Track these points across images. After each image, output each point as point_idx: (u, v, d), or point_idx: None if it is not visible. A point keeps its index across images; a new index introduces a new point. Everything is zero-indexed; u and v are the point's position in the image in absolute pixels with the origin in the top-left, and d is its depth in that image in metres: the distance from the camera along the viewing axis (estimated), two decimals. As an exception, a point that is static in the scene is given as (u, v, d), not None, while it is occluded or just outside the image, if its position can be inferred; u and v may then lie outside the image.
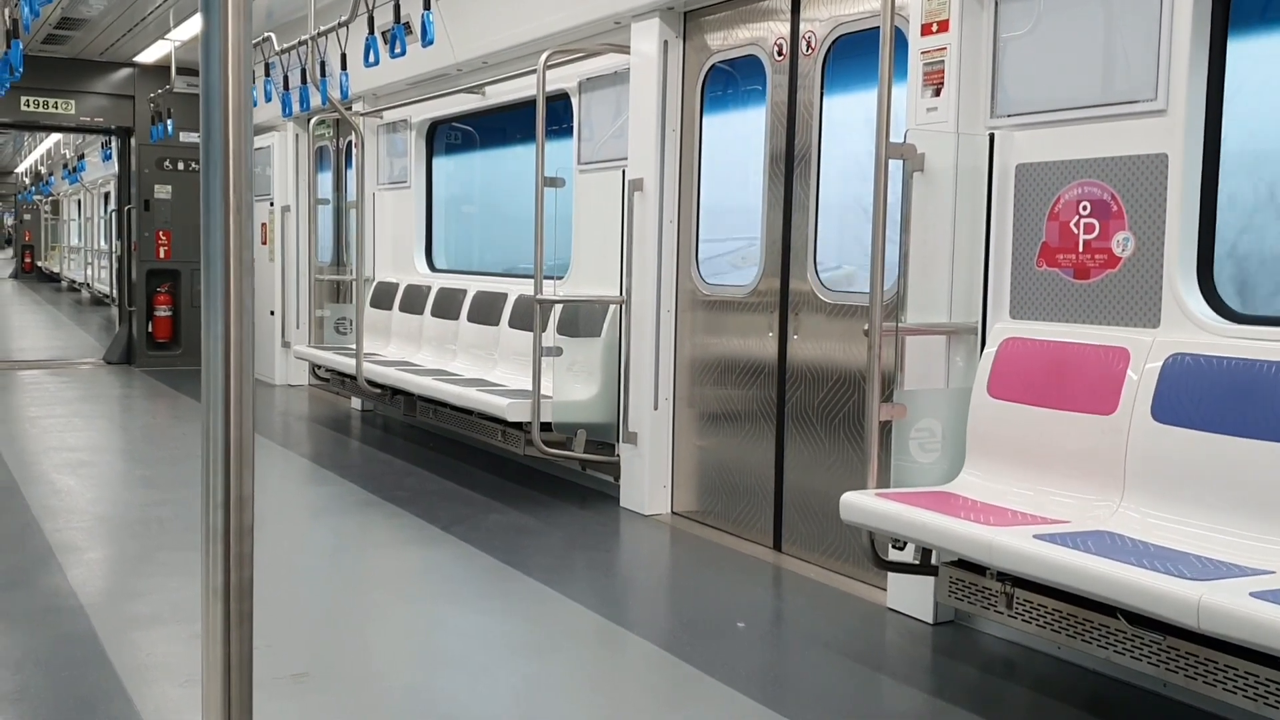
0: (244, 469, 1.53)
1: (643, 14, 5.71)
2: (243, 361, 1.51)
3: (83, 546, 5.17)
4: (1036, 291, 3.91)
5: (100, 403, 9.92)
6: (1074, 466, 3.61)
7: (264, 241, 10.89)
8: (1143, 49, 3.58)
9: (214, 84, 1.55)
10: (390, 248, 9.06)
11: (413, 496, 6.20)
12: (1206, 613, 2.67)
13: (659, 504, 5.86)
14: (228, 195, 1.55)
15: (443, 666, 3.78)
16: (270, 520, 5.64)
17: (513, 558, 4.99)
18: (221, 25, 1.55)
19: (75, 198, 28.53)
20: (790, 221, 5.14)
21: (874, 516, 3.66)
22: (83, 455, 7.34)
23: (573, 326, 6.28)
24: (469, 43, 7.20)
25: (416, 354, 8.24)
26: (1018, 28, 3.96)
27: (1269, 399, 3.16)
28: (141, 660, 3.76)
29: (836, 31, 4.89)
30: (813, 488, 5.02)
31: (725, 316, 5.55)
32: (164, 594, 4.43)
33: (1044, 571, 3.09)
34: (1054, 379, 3.73)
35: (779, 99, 5.19)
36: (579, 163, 6.54)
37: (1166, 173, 3.53)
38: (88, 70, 11.87)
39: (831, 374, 4.92)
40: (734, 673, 3.69)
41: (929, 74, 4.14)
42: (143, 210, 11.91)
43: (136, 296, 12.13)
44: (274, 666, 3.61)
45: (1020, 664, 3.86)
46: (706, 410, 5.70)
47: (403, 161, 8.90)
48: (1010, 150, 3.98)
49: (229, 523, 1.54)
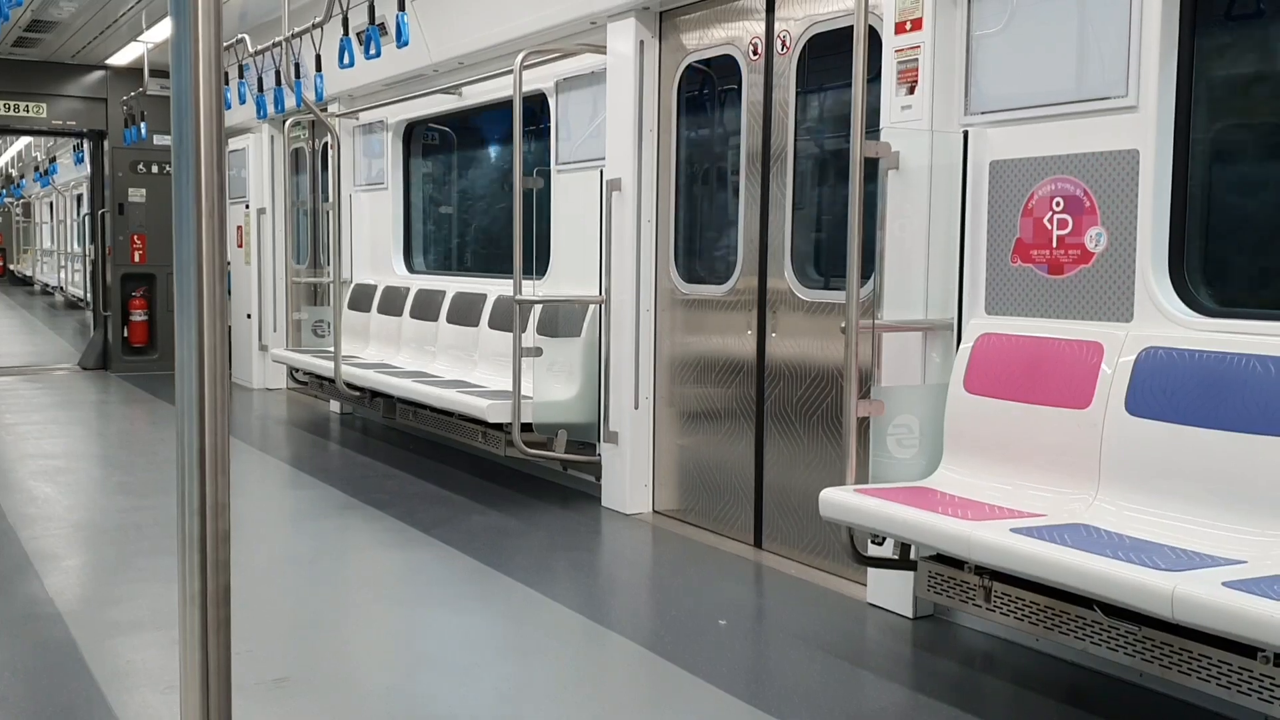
0: (219, 475, 1.53)
1: (618, 14, 5.71)
2: (217, 368, 1.51)
3: (60, 554, 5.13)
4: (1011, 287, 3.94)
5: (76, 408, 9.85)
6: (1050, 460, 3.64)
7: (240, 244, 10.83)
8: (1113, 46, 3.61)
9: (185, 90, 1.54)
10: (368, 249, 9.03)
11: (393, 499, 6.19)
12: (1180, 603, 2.71)
13: (640, 503, 5.87)
14: (200, 201, 1.55)
15: (424, 669, 3.78)
16: (249, 525, 5.62)
17: (494, 559, 4.99)
18: (192, 31, 1.54)
19: (47, 200, 28.28)
20: (767, 220, 5.16)
21: (853, 512, 3.68)
22: (59, 462, 7.29)
23: (552, 327, 6.28)
24: (445, 43, 7.19)
25: (395, 356, 8.22)
26: (990, 25, 3.99)
27: (1240, 391, 3.20)
28: (121, 667, 3.74)
29: (812, 30, 4.91)
30: (792, 484, 5.04)
31: (704, 315, 5.57)
32: (142, 600, 4.40)
33: (1021, 565, 3.12)
34: (1029, 374, 3.76)
35: (755, 98, 5.21)
36: (557, 162, 6.54)
37: (1138, 168, 3.56)
38: (59, 73, 11.77)
39: (810, 371, 4.94)
40: (716, 670, 3.70)
41: (903, 72, 4.16)
42: (117, 214, 11.83)
43: (111, 301, 12.05)
44: (254, 671, 3.60)
45: (999, 657, 3.89)
46: (687, 409, 5.71)
47: (379, 163, 8.87)
48: (984, 147, 4.01)
49: (205, 529, 1.54)
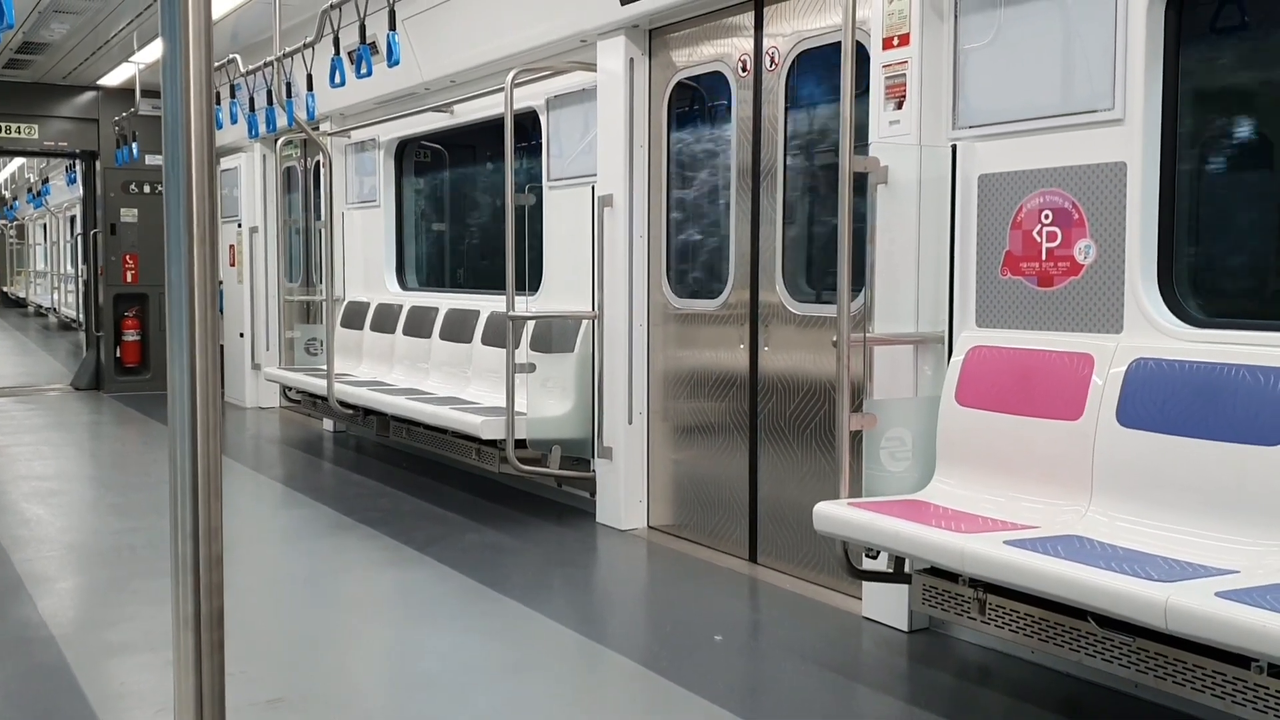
0: (212, 499, 1.53)
1: (608, 32, 5.74)
2: (209, 390, 1.51)
3: (53, 576, 5.11)
4: (1001, 300, 3.96)
5: (69, 429, 9.82)
6: (1042, 472, 3.65)
7: (233, 263, 10.83)
8: (1100, 59, 3.64)
9: (176, 112, 1.55)
10: (360, 267, 9.03)
11: (387, 517, 6.18)
12: (1174, 613, 2.71)
13: (635, 518, 5.86)
14: (191, 221, 1.55)
15: (420, 689, 3.76)
16: (243, 545, 5.60)
17: (489, 577, 4.98)
18: (183, 53, 1.55)
19: (41, 222, 28.25)
20: (758, 235, 5.18)
21: (847, 526, 3.68)
22: (52, 484, 7.26)
23: (546, 342, 6.28)
24: (436, 62, 7.21)
25: (389, 373, 8.22)
26: (977, 40, 4.02)
27: (1230, 401, 3.22)
28: (115, 690, 3.72)
29: (800, 47, 4.94)
30: (787, 498, 5.04)
31: (697, 330, 5.58)
32: (136, 622, 4.39)
33: (1015, 577, 3.13)
34: (1020, 386, 3.77)
35: (744, 114, 5.23)
36: (549, 179, 6.55)
37: (1125, 180, 3.58)
38: (51, 94, 11.78)
39: (802, 385, 4.95)
40: (712, 686, 3.70)
41: (891, 87, 4.19)
42: (109, 234, 11.82)
43: (104, 321, 12.03)
44: (249, 692, 3.58)
45: (995, 669, 3.89)
46: (680, 424, 5.71)
47: (372, 180, 8.89)
48: (972, 161, 4.03)
49: (198, 553, 1.54)
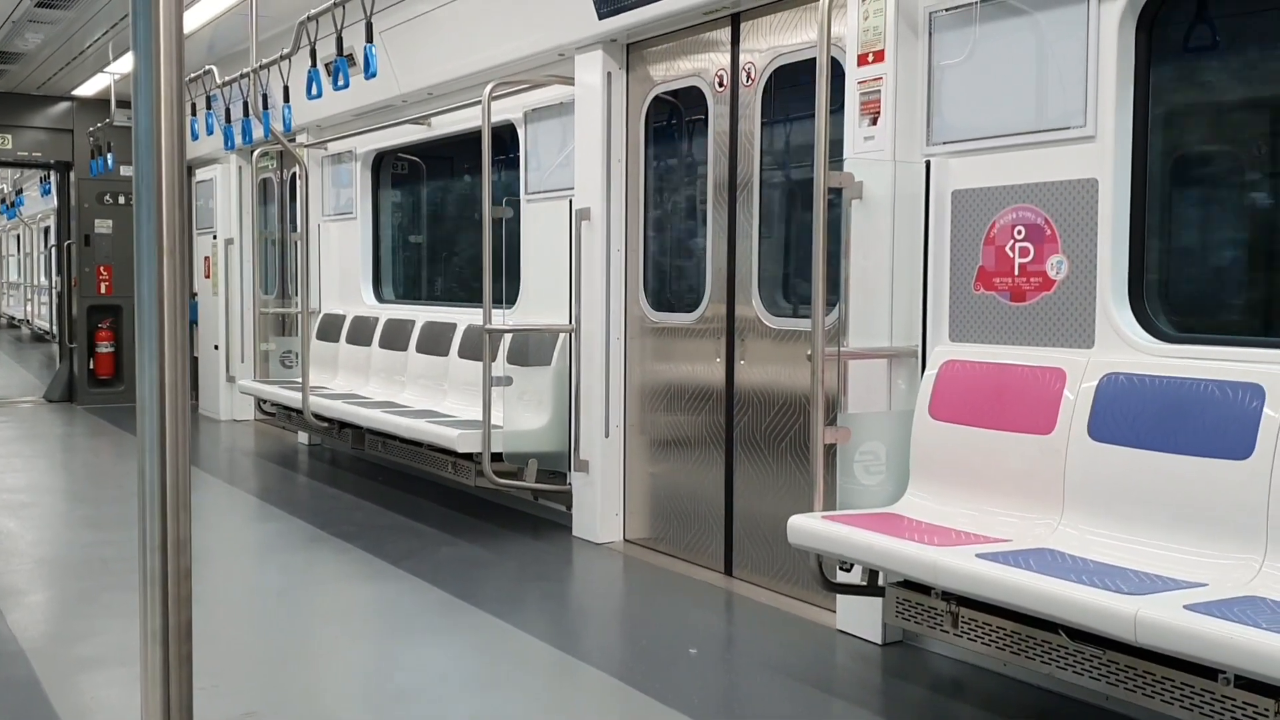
0: (181, 511, 1.52)
1: (586, 46, 5.76)
2: (178, 403, 1.51)
3: (24, 589, 5.06)
4: (974, 314, 3.99)
5: (41, 442, 9.73)
6: (1014, 486, 3.68)
7: (207, 275, 10.77)
8: (1072, 77, 3.68)
9: (146, 126, 1.55)
10: (337, 279, 9.00)
11: (361, 531, 6.15)
12: (1143, 626, 2.74)
13: (611, 532, 5.86)
14: (161, 234, 1.55)
15: (394, 703, 3.74)
16: (216, 558, 5.56)
17: (464, 590, 4.97)
18: (153, 68, 1.55)
19: (14, 233, 28.02)
20: (735, 249, 5.20)
21: (821, 539, 3.70)
22: (23, 496, 7.19)
23: (522, 356, 6.28)
24: (413, 74, 7.21)
25: (364, 386, 8.19)
26: (951, 58, 4.06)
27: (1199, 416, 3.25)
28: (85, 703, 3.69)
29: (776, 63, 4.98)
30: (762, 511, 5.05)
31: (673, 343, 5.59)
32: (108, 636, 4.35)
33: (987, 590, 3.15)
34: (993, 400, 3.80)
35: (721, 129, 5.26)
36: (526, 192, 6.56)
37: (1097, 197, 3.63)
38: (25, 104, 11.70)
39: (778, 398, 4.97)
40: (687, 700, 3.70)
41: (866, 103, 4.22)
42: (83, 245, 11.74)
43: (78, 333, 11.93)
44: (222, 707, 3.55)
45: (968, 682, 3.91)
46: (657, 437, 5.72)
47: (348, 192, 8.87)
48: (946, 177, 4.07)
49: (166, 565, 1.53)
